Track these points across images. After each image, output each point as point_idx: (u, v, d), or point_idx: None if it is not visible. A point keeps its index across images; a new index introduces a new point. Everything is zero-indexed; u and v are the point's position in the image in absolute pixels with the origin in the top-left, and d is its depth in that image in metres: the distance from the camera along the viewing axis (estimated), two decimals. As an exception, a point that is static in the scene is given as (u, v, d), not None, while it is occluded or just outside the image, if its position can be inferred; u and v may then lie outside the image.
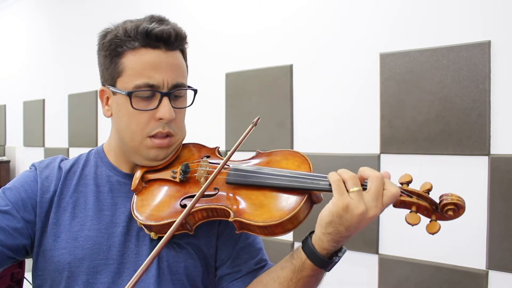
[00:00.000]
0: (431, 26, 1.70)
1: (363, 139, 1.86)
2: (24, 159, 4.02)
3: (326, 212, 0.78)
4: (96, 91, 3.17)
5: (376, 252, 1.82)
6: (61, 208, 0.95)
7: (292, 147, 2.10)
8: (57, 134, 3.56)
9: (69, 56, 3.49)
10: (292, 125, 2.10)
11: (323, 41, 2.00)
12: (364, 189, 0.78)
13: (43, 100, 3.74)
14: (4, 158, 4.16)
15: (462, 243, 1.61)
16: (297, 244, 1.08)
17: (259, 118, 0.93)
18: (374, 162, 1.81)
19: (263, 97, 2.19)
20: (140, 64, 0.90)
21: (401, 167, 1.76)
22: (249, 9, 2.29)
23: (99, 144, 1.05)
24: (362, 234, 1.83)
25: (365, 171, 0.79)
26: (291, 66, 2.10)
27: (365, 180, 0.79)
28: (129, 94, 0.90)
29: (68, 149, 3.44)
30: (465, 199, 0.77)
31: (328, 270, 0.83)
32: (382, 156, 1.81)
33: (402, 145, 1.74)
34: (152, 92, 0.90)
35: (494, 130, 1.55)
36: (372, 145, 1.82)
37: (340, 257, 0.81)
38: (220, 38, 2.41)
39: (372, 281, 1.83)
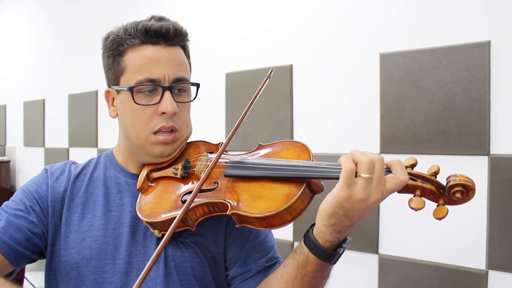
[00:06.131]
0: (431, 26, 1.70)
1: (363, 139, 1.86)
2: (24, 159, 4.02)
3: (327, 203, 0.74)
4: (96, 91, 3.17)
5: (376, 252, 1.82)
6: (71, 208, 0.96)
7: (292, 147, 2.09)
8: (57, 134, 3.56)
9: (69, 56, 3.49)
10: (292, 125, 2.10)
11: (323, 41, 2.00)
12: None
13: (43, 100, 3.74)
14: (4, 158, 4.16)
15: (462, 243, 1.61)
16: (298, 244, 1.08)
17: (272, 70, 0.93)
18: (374, 162, 1.81)
19: (263, 97, 2.18)
20: (140, 60, 0.91)
21: (401, 167, 1.76)
22: (249, 10, 2.29)
23: (99, 144, 1.06)
24: (362, 234, 1.83)
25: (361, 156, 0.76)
26: (291, 66, 2.10)
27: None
28: (131, 89, 0.91)
29: (68, 149, 3.44)
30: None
31: (333, 263, 0.80)
32: (382, 156, 1.80)
33: (402, 145, 1.74)
34: (154, 86, 0.92)
35: (494, 130, 1.55)
36: (372, 145, 1.82)
37: (344, 248, 0.78)
38: (220, 38, 2.41)
39: (372, 281, 1.83)
